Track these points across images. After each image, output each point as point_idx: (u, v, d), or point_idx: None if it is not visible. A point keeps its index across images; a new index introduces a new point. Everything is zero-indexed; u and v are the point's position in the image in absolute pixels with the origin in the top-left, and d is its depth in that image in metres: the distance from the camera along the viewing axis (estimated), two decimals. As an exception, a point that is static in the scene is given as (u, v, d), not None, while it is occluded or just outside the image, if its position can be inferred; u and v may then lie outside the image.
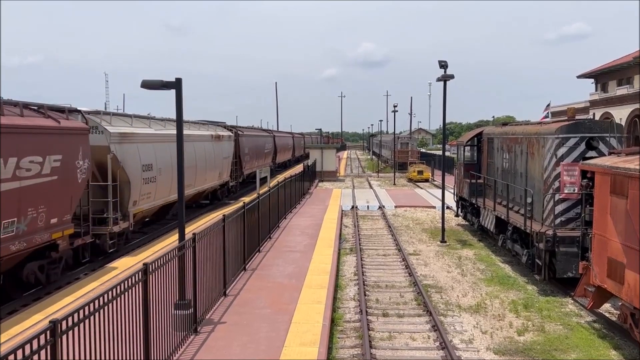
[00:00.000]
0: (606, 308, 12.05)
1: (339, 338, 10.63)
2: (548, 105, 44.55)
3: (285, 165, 59.01)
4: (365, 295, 13.27)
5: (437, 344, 10.29)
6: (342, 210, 27.60)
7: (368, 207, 29.76)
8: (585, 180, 13.35)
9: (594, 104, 43.53)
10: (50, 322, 4.97)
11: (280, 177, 31.11)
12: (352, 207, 29.47)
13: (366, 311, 11.97)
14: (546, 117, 41.42)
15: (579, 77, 48.67)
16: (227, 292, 11.90)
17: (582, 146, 13.80)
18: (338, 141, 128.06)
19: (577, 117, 15.72)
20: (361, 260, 17.07)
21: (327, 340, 9.55)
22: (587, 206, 12.97)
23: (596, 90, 46.47)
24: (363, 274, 15.30)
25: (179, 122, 9.89)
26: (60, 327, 5.06)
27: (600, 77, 45.92)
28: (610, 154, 12.23)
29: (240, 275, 13.40)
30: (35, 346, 4.66)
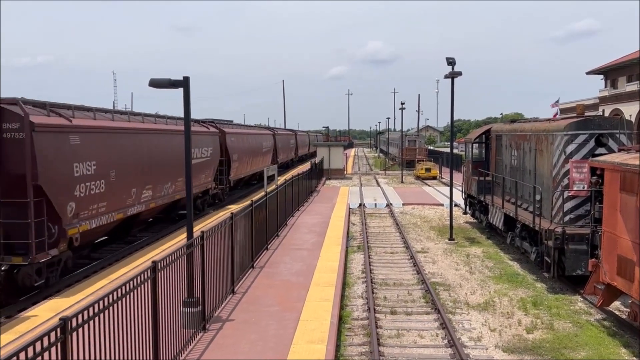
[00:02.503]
0: (616, 306, 11.97)
1: (347, 336, 10.63)
2: (556, 102, 44.27)
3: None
4: (373, 292, 13.26)
5: (446, 341, 10.26)
6: (350, 208, 27.58)
7: (375, 204, 29.71)
8: (594, 177, 13.25)
9: (603, 100, 43.20)
10: (60, 319, 5.01)
11: (291, 174, 30.77)
12: (360, 204, 29.43)
13: (374, 309, 11.96)
14: (556, 113, 41.15)
15: (588, 73, 48.34)
16: (235, 289, 11.94)
17: (592, 143, 13.70)
18: (345, 139, 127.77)
19: (586, 114, 15.60)
20: (369, 258, 17.05)
21: (335, 337, 9.56)
22: (597, 203, 12.88)
23: (605, 86, 46.12)
24: (371, 272, 15.28)
25: (187, 120, 9.92)
26: (70, 325, 5.10)
27: (610, 73, 45.56)
28: (619, 150, 12.13)
29: (248, 273, 13.44)
30: (45, 343, 4.70)
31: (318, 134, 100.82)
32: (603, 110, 41.79)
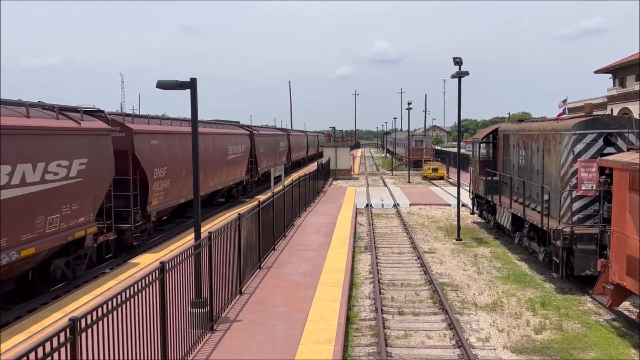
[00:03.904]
0: (625, 306, 11.89)
1: (354, 336, 10.62)
2: (564, 101, 44.05)
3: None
4: (380, 293, 13.24)
5: (454, 342, 10.23)
6: (357, 209, 27.56)
7: (382, 205, 29.67)
8: (603, 176, 13.18)
9: (611, 99, 42.94)
10: (69, 319, 5.03)
11: (295, 176, 30.54)
12: (367, 205, 29.40)
13: (382, 309, 11.95)
14: (563, 113, 40.95)
15: (596, 72, 48.07)
16: (242, 290, 11.96)
17: (600, 142, 13.62)
18: (351, 139, 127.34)
19: (594, 113, 15.51)
20: (376, 258, 17.03)
21: (343, 338, 9.55)
22: (606, 203, 12.80)
23: (614, 85, 45.83)
24: (378, 272, 15.26)
25: (194, 121, 9.96)
26: (79, 325, 5.13)
27: (618, 72, 45.26)
28: (628, 150, 12.05)
29: (255, 274, 13.46)
30: (55, 344, 4.73)
31: (319, 134, 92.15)
32: (611, 109, 41.53)
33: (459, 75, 19.39)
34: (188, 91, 9.81)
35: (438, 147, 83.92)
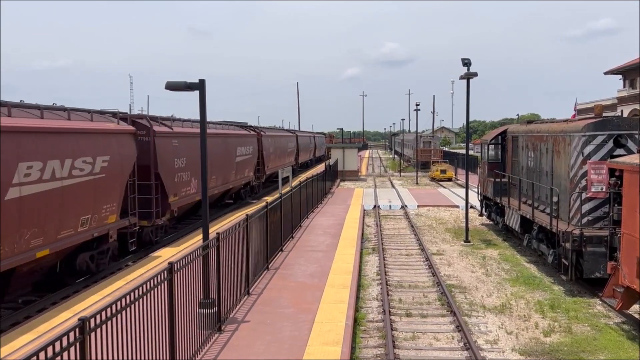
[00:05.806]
0: (635, 309, 11.79)
1: (362, 338, 10.61)
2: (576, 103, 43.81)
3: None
4: (388, 295, 13.22)
5: (462, 344, 10.19)
6: (364, 210, 27.53)
7: (390, 206, 29.62)
8: (613, 178, 13.09)
9: (622, 100, 42.63)
10: (79, 319, 5.06)
11: (302, 177, 30.49)
12: (374, 206, 29.36)
13: (389, 311, 11.92)
14: (574, 115, 40.75)
15: (606, 73, 47.72)
16: (250, 291, 11.99)
17: (610, 144, 13.53)
18: (359, 141, 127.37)
19: (604, 114, 15.40)
20: (384, 259, 17.00)
21: (350, 339, 9.55)
22: (616, 205, 12.71)
23: (624, 86, 45.49)
24: (386, 274, 15.24)
25: (203, 122, 10.00)
26: (88, 325, 5.16)
27: (629, 73, 44.92)
28: (639, 151, 11.97)
29: (263, 275, 13.48)
30: (64, 343, 4.76)
31: (319, 134, 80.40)
32: (622, 111, 41.25)
33: (468, 77, 19.32)
34: (197, 92, 9.86)
35: (446, 149, 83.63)
